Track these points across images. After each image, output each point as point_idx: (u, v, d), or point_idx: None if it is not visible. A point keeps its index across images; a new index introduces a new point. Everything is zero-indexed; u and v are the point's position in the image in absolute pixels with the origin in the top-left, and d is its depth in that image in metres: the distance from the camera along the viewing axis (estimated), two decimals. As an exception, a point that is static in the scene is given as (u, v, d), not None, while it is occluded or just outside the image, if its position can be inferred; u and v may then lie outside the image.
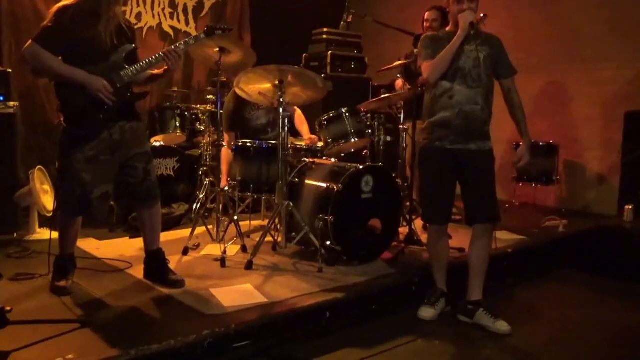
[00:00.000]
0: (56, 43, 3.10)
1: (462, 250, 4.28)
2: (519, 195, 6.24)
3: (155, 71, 3.38)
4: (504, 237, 4.81)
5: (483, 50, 3.39)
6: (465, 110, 3.36)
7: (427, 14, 5.26)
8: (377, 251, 4.08)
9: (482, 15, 3.45)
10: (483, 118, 3.42)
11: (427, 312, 3.52)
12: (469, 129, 3.39)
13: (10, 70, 4.67)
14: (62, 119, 3.23)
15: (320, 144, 4.65)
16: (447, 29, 3.54)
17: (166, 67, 3.32)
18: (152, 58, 3.24)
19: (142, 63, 3.23)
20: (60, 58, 3.13)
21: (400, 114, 4.80)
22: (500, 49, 3.52)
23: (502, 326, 3.38)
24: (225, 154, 4.69)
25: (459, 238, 4.68)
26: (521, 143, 3.58)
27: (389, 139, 4.82)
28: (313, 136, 4.85)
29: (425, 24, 5.33)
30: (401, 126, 4.78)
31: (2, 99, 4.42)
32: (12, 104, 4.47)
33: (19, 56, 3.17)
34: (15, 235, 4.44)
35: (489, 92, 3.45)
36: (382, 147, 4.75)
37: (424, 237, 4.44)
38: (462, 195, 3.55)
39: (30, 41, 3.09)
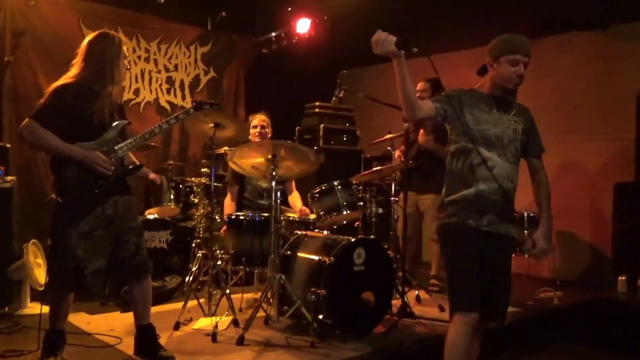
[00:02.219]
0: (54, 120, 3.13)
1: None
2: (513, 266, 6.19)
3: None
4: (498, 309, 4.77)
5: (520, 122, 2.97)
6: (504, 187, 2.87)
7: (418, 84, 5.36)
8: (370, 324, 4.02)
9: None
10: (512, 197, 2.96)
11: None
12: (504, 208, 2.91)
13: (9, 145, 4.73)
14: (55, 195, 3.24)
15: (312, 216, 4.67)
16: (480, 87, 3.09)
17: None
18: (145, 133, 3.32)
19: (136, 138, 3.28)
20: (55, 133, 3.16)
21: (391, 185, 4.83)
22: (533, 124, 3.06)
23: None
24: (228, 204, 4.88)
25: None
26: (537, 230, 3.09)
27: (380, 210, 4.84)
28: (304, 208, 4.87)
29: (416, 94, 5.43)
30: (392, 198, 4.81)
31: (0, 173, 4.45)
32: (9, 178, 4.51)
33: (17, 133, 3.20)
34: (6, 309, 4.36)
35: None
36: (374, 219, 4.77)
37: (416, 309, 4.40)
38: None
39: (27, 119, 3.13)
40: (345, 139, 6.75)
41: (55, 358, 3.27)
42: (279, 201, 3.98)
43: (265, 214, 4.29)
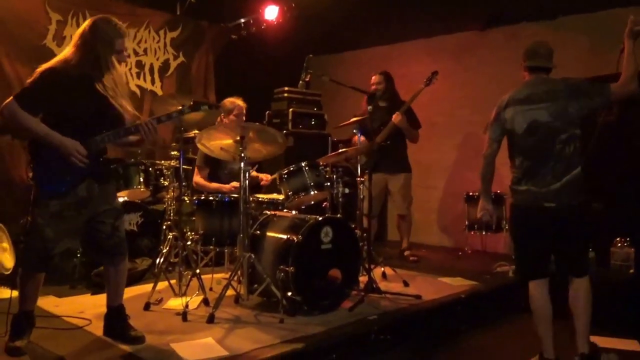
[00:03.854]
0: (36, 104, 3.01)
1: (418, 297, 4.22)
2: (471, 243, 6.28)
3: (132, 138, 3.30)
4: (457, 284, 4.79)
5: None
6: None
7: (372, 77, 5.57)
8: (337, 300, 3.98)
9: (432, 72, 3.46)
10: None
11: None
12: None
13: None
14: (30, 176, 3.11)
15: (280, 197, 4.59)
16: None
17: (139, 138, 3.25)
18: (128, 127, 3.18)
19: (118, 131, 3.15)
20: (39, 118, 3.03)
21: (357, 167, 4.78)
22: None
23: None
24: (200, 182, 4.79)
25: (416, 285, 4.66)
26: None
27: (347, 191, 4.79)
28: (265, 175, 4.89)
29: (371, 86, 5.56)
30: (358, 179, 4.76)
31: (-36, 157, 4.27)
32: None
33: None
34: (-27, 293, 4.20)
35: None
36: (340, 199, 4.71)
37: (382, 285, 4.39)
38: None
39: (10, 98, 3.00)
40: (313, 122, 6.68)
41: (23, 341, 3.14)
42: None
43: (235, 195, 4.19)
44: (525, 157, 3.37)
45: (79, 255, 4.64)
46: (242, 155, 3.85)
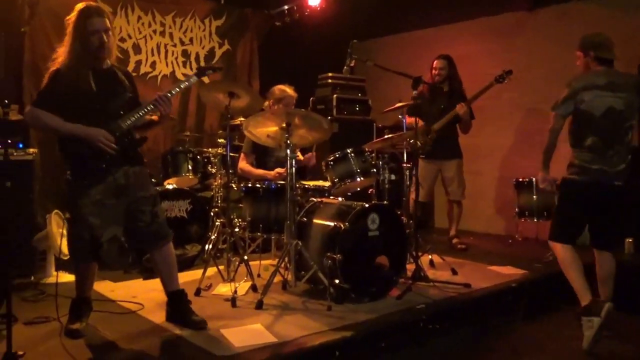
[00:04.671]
0: (53, 103, 3.10)
1: (468, 285, 4.16)
2: (522, 230, 6.13)
3: (153, 117, 3.36)
4: (508, 272, 4.69)
5: None
6: None
7: (435, 62, 5.47)
8: (385, 288, 3.96)
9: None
10: None
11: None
12: None
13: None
14: (66, 172, 3.20)
15: (326, 184, 4.58)
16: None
17: (159, 113, 3.29)
18: (145, 104, 3.24)
19: (138, 111, 3.21)
20: (58, 116, 3.12)
21: (403, 153, 4.72)
22: None
23: None
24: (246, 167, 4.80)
25: (465, 273, 4.58)
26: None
27: (393, 177, 4.75)
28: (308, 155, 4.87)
29: (433, 71, 5.48)
30: (405, 165, 4.71)
31: (21, 146, 4.41)
32: (31, 150, 4.47)
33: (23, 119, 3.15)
34: (32, 278, 4.36)
35: None
36: (387, 186, 4.67)
37: (430, 273, 4.36)
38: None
39: (29, 106, 3.13)
40: (357, 108, 6.64)
41: (81, 324, 3.28)
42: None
43: (282, 182, 4.21)
44: (598, 137, 3.69)
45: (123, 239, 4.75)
46: (288, 141, 3.86)
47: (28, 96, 5.20)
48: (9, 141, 4.30)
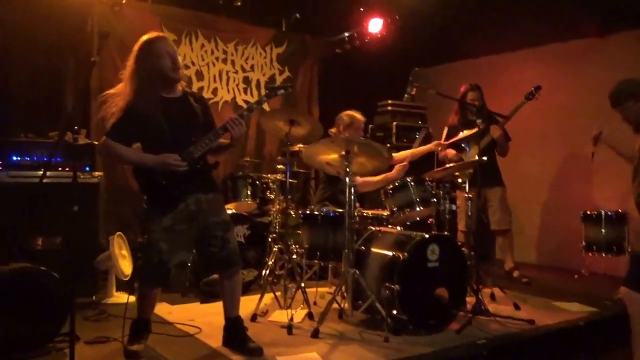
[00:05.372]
0: (125, 134, 3.21)
1: (531, 322, 4.04)
2: (589, 264, 5.91)
3: (223, 141, 3.43)
4: (574, 309, 4.52)
5: None
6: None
7: (469, 94, 5.55)
8: (444, 321, 3.89)
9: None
10: None
11: None
12: None
13: (97, 143, 4.87)
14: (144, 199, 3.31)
15: (385, 213, 4.56)
16: None
17: (231, 137, 3.34)
18: (215, 130, 3.30)
19: (209, 137, 3.27)
20: (136, 144, 3.26)
21: (465, 183, 4.66)
22: None
23: None
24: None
25: (528, 309, 4.45)
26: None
27: (454, 207, 4.69)
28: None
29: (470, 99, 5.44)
30: (466, 195, 4.65)
31: (88, 169, 4.58)
32: (96, 174, 4.63)
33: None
34: (94, 298, 4.50)
35: None
36: (447, 216, 4.61)
37: (491, 307, 4.24)
38: None
39: (103, 137, 3.24)
40: (417, 136, 6.59)
41: (140, 345, 3.34)
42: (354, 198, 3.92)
43: (340, 210, 4.23)
44: None
45: (189, 264, 4.86)
46: (347, 169, 3.88)
47: (95, 122, 5.43)
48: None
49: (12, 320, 3.18)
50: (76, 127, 4.37)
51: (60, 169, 4.37)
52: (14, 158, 4.32)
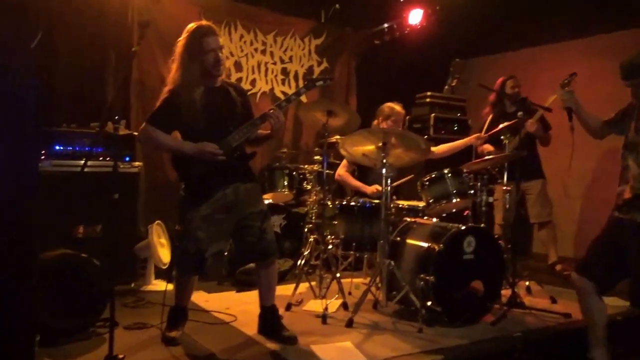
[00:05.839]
0: (166, 122, 3.26)
1: (568, 315, 3.97)
2: None
3: (262, 132, 3.46)
4: (613, 304, 4.38)
5: None
6: (634, 186, 3.11)
7: (508, 82, 5.43)
8: (478, 313, 3.87)
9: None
10: None
11: None
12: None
13: (137, 134, 4.97)
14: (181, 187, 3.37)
15: (421, 204, 4.53)
16: None
17: (271, 128, 3.36)
18: (254, 120, 3.33)
19: (247, 127, 3.31)
20: (175, 133, 3.32)
21: (504, 175, 4.59)
22: None
23: None
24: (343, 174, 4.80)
25: (565, 302, 4.36)
26: None
27: (491, 200, 4.63)
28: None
29: (509, 91, 5.32)
30: (504, 187, 4.58)
31: (128, 159, 4.67)
32: (136, 164, 4.72)
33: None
34: (132, 285, 4.60)
35: None
36: (484, 208, 4.56)
37: (527, 300, 4.20)
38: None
39: (144, 123, 3.30)
40: (456, 128, 6.54)
41: (177, 332, 3.41)
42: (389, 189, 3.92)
43: (376, 201, 4.23)
44: None
45: (225, 254, 4.94)
46: (384, 161, 3.87)
47: (135, 112, 5.55)
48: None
49: (55, 306, 3.27)
50: (117, 117, 4.46)
51: (101, 158, 4.47)
52: (57, 148, 4.42)
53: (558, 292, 4.66)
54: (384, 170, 3.86)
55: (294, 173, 5.50)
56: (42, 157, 4.27)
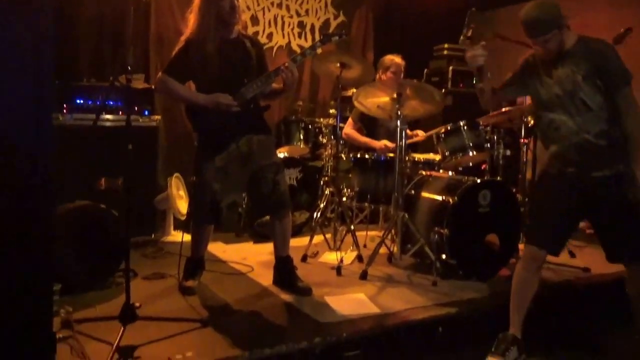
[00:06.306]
0: (181, 72, 3.23)
1: (587, 270, 3.89)
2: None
3: (276, 86, 3.38)
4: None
5: (580, 70, 2.73)
6: (575, 142, 2.76)
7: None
8: (494, 267, 3.80)
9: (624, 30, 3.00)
10: (601, 144, 2.72)
11: None
12: (586, 160, 2.76)
13: (154, 86, 4.90)
14: (194, 138, 3.34)
15: (437, 157, 4.44)
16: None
17: (283, 83, 3.29)
18: (268, 73, 3.27)
19: (261, 79, 3.24)
20: (189, 84, 3.31)
21: (521, 128, 4.46)
22: (603, 58, 2.73)
23: None
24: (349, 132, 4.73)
25: (584, 256, 4.28)
26: None
27: (508, 153, 4.51)
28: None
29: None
30: (522, 140, 4.45)
31: (147, 113, 4.63)
32: (155, 117, 4.68)
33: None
34: (152, 236, 4.61)
35: (606, 114, 2.72)
36: (501, 162, 4.45)
37: (544, 255, 4.11)
38: (597, 232, 2.94)
39: (160, 72, 3.27)
40: (474, 81, 6.33)
41: (194, 282, 3.43)
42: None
43: (391, 154, 4.15)
44: None
45: (243, 206, 4.93)
46: (399, 113, 3.77)
47: (154, 66, 5.45)
48: (135, 108, 4.54)
49: (75, 256, 3.30)
50: (129, 68, 4.40)
51: (120, 112, 4.43)
52: (78, 101, 4.39)
53: (578, 246, 4.54)
54: (398, 122, 3.77)
55: (310, 126, 5.41)
56: (64, 111, 4.26)
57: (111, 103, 4.45)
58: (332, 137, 5.04)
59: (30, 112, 2.18)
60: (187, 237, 3.53)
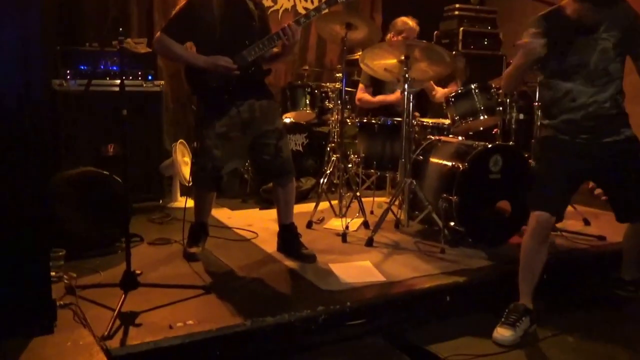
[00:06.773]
0: (180, 32, 3.11)
1: (602, 238, 3.76)
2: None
3: (275, 49, 3.26)
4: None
5: (612, 37, 2.66)
6: (591, 110, 2.70)
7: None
8: (504, 235, 3.66)
9: None
10: (612, 112, 2.72)
11: (504, 334, 2.68)
12: (599, 126, 2.73)
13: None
14: (194, 101, 3.25)
15: (446, 121, 4.29)
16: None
17: (282, 45, 3.17)
18: (269, 35, 3.12)
19: (263, 42, 3.09)
20: (188, 44, 3.19)
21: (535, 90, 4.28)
22: (635, 24, 2.68)
23: None
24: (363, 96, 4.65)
25: (599, 224, 4.13)
26: None
27: (521, 117, 4.34)
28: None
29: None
30: (536, 104, 4.27)
31: (150, 78, 4.52)
32: (159, 82, 4.56)
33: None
34: (160, 202, 4.55)
35: (620, 82, 2.74)
36: (514, 126, 4.28)
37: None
38: (608, 194, 2.94)
39: (159, 32, 3.14)
40: (486, 42, 6.13)
41: (198, 248, 3.37)
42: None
43: (398, 118, 4.00)
44: None
45: (249, 172, 4.84)
46: (407, 75, 3.62)
47: (158, 29, 5.30)
48: (139, 73, 4.43)
49: (82, 221, 3.30)
50: (121, 30, 4.29)
51: (127, 77, 4.31)
52: (82, 67, 4.29)
53: (593, 214, 4.35)
54: (406, 86, 3.61)
55: (316, 91, 5.26)
56: (68, 77, 4.17)
57: (115, 68, 4.33)
58: (339, 101, 4.90)
59: (14, 70, 2.07)
60: (191, 203, 3.45)
